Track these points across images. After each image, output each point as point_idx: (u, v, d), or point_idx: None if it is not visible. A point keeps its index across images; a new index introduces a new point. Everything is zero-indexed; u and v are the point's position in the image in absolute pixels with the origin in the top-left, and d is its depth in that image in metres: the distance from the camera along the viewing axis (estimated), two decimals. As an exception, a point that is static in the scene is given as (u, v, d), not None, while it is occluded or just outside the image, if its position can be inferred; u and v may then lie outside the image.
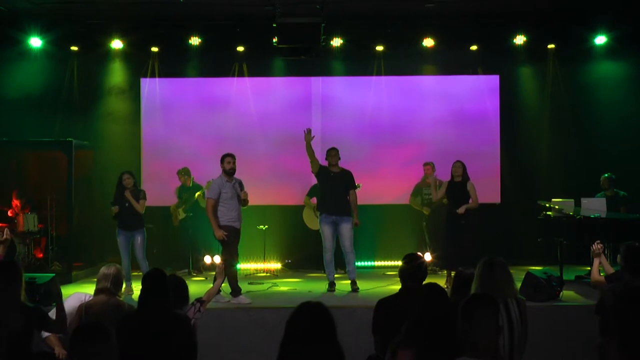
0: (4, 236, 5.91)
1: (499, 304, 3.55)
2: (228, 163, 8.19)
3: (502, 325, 4.00)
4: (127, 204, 8.75)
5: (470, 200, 8.93)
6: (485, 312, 3.35)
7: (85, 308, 4.96)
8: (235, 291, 7.98)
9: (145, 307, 4.29)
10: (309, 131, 8.69)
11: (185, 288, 4.89)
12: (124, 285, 8.63)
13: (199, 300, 5.04)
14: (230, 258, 8.02)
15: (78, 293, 5.60)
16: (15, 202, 10.29)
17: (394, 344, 3.64)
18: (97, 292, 5.04)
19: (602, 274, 5.79)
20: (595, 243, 5.72)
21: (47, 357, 3.40)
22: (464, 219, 8.80)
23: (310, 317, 3.55)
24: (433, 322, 3.52)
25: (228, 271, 7.89)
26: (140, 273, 8.41)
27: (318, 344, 3.47)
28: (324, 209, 8.87)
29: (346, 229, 8.75)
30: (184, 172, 10.64)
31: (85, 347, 3.03)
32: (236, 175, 8.26)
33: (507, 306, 4.26)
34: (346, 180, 8.88)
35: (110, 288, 4.99)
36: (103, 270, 5.11)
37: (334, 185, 8.82)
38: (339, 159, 8.90)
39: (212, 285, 5.60)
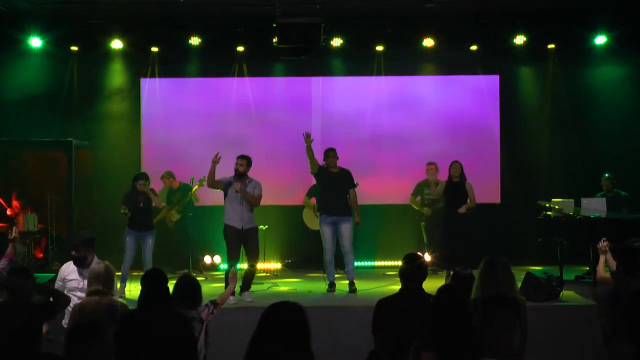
0: (13, 235, 5.95)
1: (518, 304, 3.52)
2: (236, 164, 8.33)
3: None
4: (141, 204, 8.74)
5: (468, 200, 8.99)
6: (506, 314, 3.33)
7: (78, 308, 4.94)
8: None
9: (145, 307, 4.27)
10: (308, 135, 8.75)
11: (198, 288, 4.86)
12: (118, 285, 8.71)
13: (213, 302, 5.00)
14: (229, 257, 8.25)
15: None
16: (15, 203, 10.28)
17: (416, 346, 3.64)
18: (89, 293, 5.01)
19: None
20: (602, 240, 5.73)
21: (52, 358, 3.39)
22: (465, 219, 8.85)
23: (286, 317, 3.41)
24: (453, 324, 3.51)
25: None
26: (142, 273, 8.41)
27: (291, 349, 3.32)
28: (323, 209, 8.89)
29: (346, 229, 8.75)
30: (168, 175, 10.65)
31: (81, 346, 3.02)
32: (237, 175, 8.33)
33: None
34: (345, 180, 8.90)
35: (102, 289, 4.95)
36: (94, 269, 5.07)
37: (333, 185, 8.84)
38: (338, 159, 8.91)
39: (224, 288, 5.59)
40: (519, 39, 10.94)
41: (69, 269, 5.85)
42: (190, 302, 4.77)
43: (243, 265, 8.63)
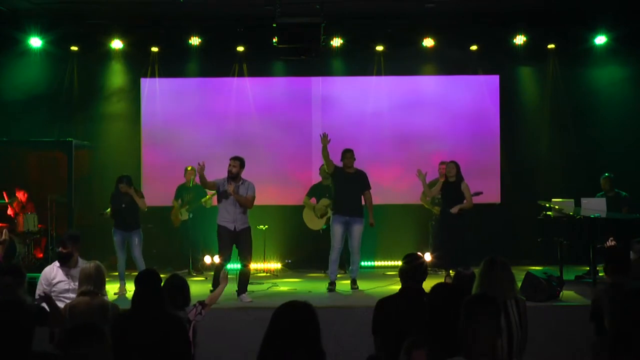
0: (3, 237, 5.93)
1: (500, 304, 3.53)
2: (229, 165, 8.36)
3: (502, 327, 4.00)
4: (123, 205, 8.78)
5: (465, 201, 8.98)
6: (486, 313, 3.34)
7: (69, 308, 4.92)
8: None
9: (139, 307, 4.24)
10: (325, 135, 8.77)
11: (187, 289, 4.86)
12: (118, 284, 8.75)
13: (201, 302, 5.01)
14: (220, 257, 8.37)
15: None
16: (20, 194, 10.25)
17: (406, 346, 3.64)
18: (80, 294, 4.98)
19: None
20: (610, 240, 5.75)
21: (47, 357, 3.38)
22: (458, 219, 8.86)
23: (293, 316, 3.46)
24: (445, 321, 3.51)
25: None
26: (136, 273, 8.43)
27: (299, 347, 3.37)
28: (337, 209, 8.93)
29: (357, 230, 8.83)
30: (191, 170, 10.61)
31: (80, 348, 2.99)
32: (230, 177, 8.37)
33: (505, 307, 4.25)
34: (361, 181, 8.94)
35: (93, 289, 4.93)
36: (84, 269, 5.03)
37: (349, 186, 8.87)
38: (355, 160, 8.94)
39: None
40: (519, 39, 10.95)
41: (53, 272, 5.76)
42: (179, 302, 4.76)
43: (234, 266, 8.70)
